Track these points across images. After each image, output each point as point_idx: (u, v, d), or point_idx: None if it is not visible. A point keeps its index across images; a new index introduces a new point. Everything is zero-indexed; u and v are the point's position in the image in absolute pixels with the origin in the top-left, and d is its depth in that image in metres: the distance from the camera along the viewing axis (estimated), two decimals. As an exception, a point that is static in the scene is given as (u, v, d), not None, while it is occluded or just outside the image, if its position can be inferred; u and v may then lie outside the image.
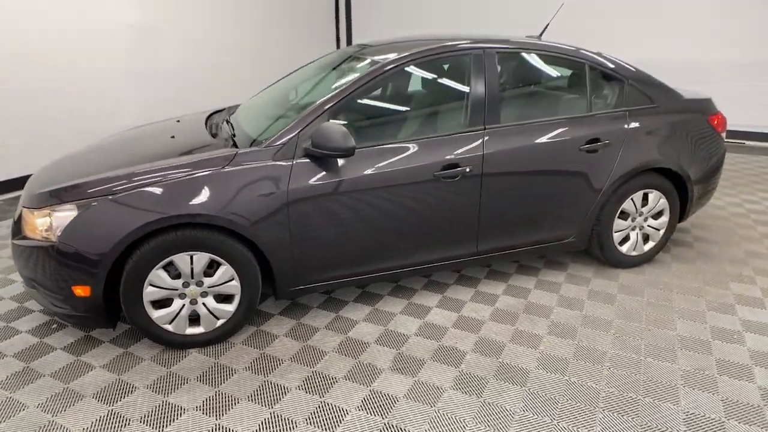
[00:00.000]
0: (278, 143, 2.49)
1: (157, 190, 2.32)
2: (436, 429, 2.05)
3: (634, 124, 3.09)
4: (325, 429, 2.05)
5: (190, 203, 2.32)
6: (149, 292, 2.38)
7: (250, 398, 2.22)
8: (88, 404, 2.18)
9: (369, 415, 2.13)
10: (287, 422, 2.09)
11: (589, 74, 3.08)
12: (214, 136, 2.86)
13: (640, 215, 3.26)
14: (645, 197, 3.23)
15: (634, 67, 3.19)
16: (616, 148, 3.03)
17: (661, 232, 3.35)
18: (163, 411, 2.14)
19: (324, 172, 2.51)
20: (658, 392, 2.25)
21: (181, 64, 6.26)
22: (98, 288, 2.30)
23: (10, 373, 2.36)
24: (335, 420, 2.10)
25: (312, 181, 2.49)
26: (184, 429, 2.05)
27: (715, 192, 3.76)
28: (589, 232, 3.17)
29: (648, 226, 3.32)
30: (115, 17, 5.43)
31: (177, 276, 2.42)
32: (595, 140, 2.99)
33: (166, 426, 2.06)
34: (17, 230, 2.46)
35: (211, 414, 2.13)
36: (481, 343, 2.59)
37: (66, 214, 2.28)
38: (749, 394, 2.24)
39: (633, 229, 3.30)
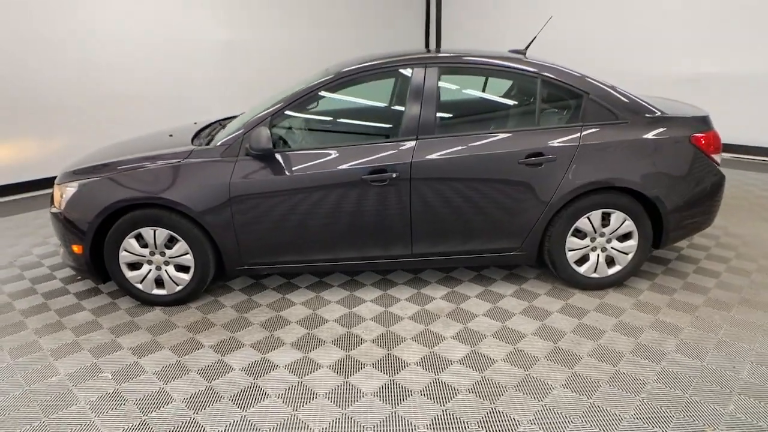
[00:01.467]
0: (226, 143, 2.99)
1: (129, 176, 2.96)
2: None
3: (588, 140, 2.99)
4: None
5: (152, 188, 2.92)
6: (123, 256, 3.03)
7: (173, 349, 2.73)
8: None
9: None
10: (183, 369, 2.55)
11: (541, 88, 3.07)
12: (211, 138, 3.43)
13: (601, 236, 3.11)
14: (607, 217, 3.08)
15: (599, 82, 3.08)
16: (563, 164, 2.97)
17: (629, 256, 3.15)
18: (109, 348, 2.76)
19: (261, 171, 2.94)
20: None
21: (264, 73, 7.15)
22: (87, 248, 3.01)
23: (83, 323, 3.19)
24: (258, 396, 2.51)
25: (250, 177, 2.93)
26: (114, 363, 2.63)
27: (712, 219, 3.33)
28: (538, 247, 3.13)
29: (612, 248, 3.15)
30: (208, 35, 6.49)
31: (145, 246, 3.04)
32: (537, 154, 2.97)
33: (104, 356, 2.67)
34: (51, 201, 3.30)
35: (137, 354, 2.69)
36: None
37: (71, 190, 3.03)
38: None
39: (593, 250, 3.16)
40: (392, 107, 3.11)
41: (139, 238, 3.02)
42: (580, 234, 3.12)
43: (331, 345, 2.73)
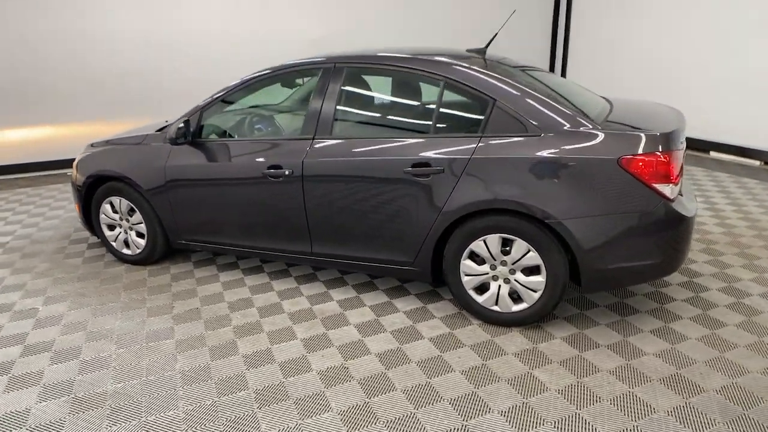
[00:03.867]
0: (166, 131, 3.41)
1: (107, 153, 3.60)
2: None
3: (483, 153, 2.60)
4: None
5: (115, 166, 3.52)
6: (102, 218, 3.72)
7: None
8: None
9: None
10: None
11: (444, 92, 2.75)
12: None
13: (502, 264, 2.69)
14: (510, 244, 2.65)
15: (515, 87, 2.62)
16: (452, 177, 2.65)
17: (536, 294, 2.66)
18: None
19: (187, 158, 3.30)
20: None
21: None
22: (80, 207, 3.77)
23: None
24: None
25: (180, 163, 3.31)
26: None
27: (672, 265, 2.55)
28: (434, 265, 2.85)
29: (515, 281, 2.69)
30: (302, 36, 7.08)
31: (116, 212, 3.67)
32: (424, 164, 2.70)
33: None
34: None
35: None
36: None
37: (79, 158, 3.81)
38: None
39: (494, 279, 2.74)
40: (302, 106, 3.13)
41: (112, 204, 3.67)
42: (478, 258, 2.75)
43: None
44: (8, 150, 6.19)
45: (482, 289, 2.79)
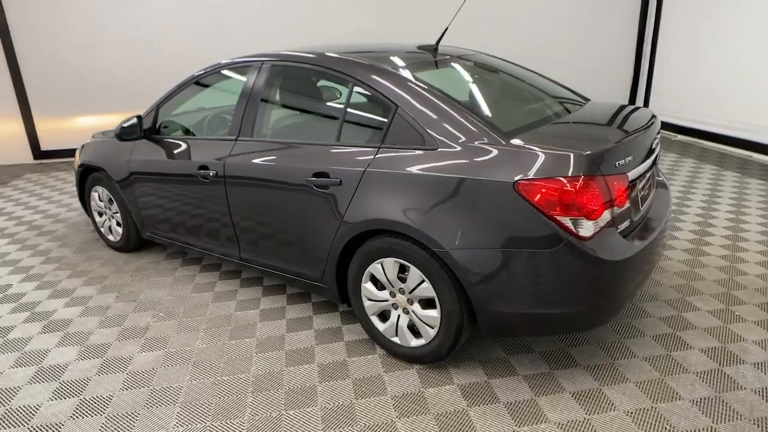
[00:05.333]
0: (135, 127, 3.52)
1: (93, 144, 3.83)
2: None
3: (377, 166, 2.29)
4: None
5: (95, 157, 3.73)
6: (92, 205, 3.99)
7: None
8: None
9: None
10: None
11: (353, 95, 2.46)
12: None
13: (400, 292, 2.37)
14: (407, 270, 2.32)
15: (419, 92, 2.27)
16: (349, 191, 2.37)
17: (432, 331, 2.30)
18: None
19: (142, 153, 3.38)
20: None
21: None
22: (78, 191, 4.07)
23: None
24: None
25: (138, 157, 3.41)
26: (35, 277, 3.61)
27: (594, 318, 2.00)
28: (336, 284, 2.61)
29: (413, 312, 2.36)
30: (347, 26, 6.98)
31: (101, 200, 3.91)
32: (324, 175, 2.45)
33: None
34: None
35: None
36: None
37: (80, 146, 4.11)
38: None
39: (395, 308, 2.43)
40: (231, 105, 3.01)
41: (99, 193, 3.91)
42: (379, 283, 2.45)
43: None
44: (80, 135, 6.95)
45: (385, 316, 2.50)
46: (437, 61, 2.75)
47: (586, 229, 1.95)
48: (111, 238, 3.96)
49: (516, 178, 1.97)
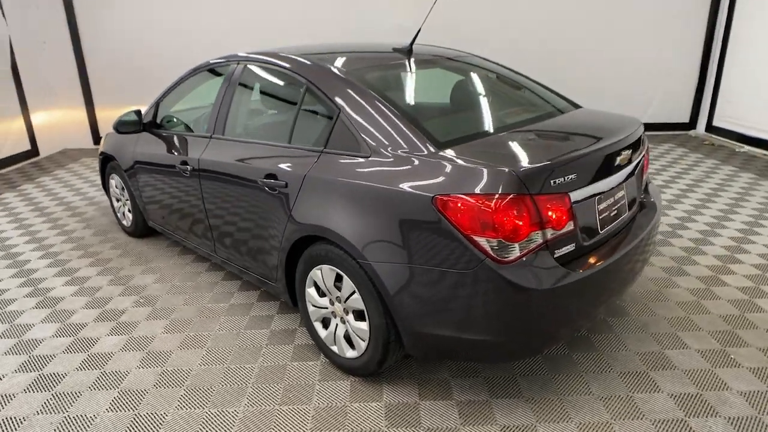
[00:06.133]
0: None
1: (113, 134, 4.06)
2: None
3: (317, 171, 2.23)
4: (44, 286, 3.42)
5: (111, 146, 3.97)
6: (111, 192, 4.25)
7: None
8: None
9: (55, 293, 3.32)
10: (54, 275, 3.58)
11: (305, 97, 2.41)
12: None
13: (338, 300, 2.30)
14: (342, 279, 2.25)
15: (360, 96, 2.17)
16: (293, 195, 2.34)
17: (363, 344, 2.22)
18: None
19: (143, 144, 3.54)
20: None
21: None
22: (101, 173, 4.35)
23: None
24: (52, 286, 3.42)
25: (140, 149, 3.58)
26: (53, 255, 3.92)
27: (506, 351, 1.82)
28: (286, 287, 2.59)
29: (348, 322, 2.28)
30: (391, 19, 6.90)
31: (116, 187, 4.16)
32: (273, 176, 2.43)
33: (56, 251, 3.99)
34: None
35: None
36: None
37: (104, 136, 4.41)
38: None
39: (334, 316, 2.37)
40: (211, 103, 3.06)
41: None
42: (321, 290, 2.40)
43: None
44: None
45: (327, 323, 2.45)
46: (403, 64, 2.64)
47: (506, 251, 1.78)
48: (125, 223, 4.21)
49: (435, 192, 1.84)
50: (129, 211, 4.07)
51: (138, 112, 3.48)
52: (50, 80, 6.95)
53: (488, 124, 2.29)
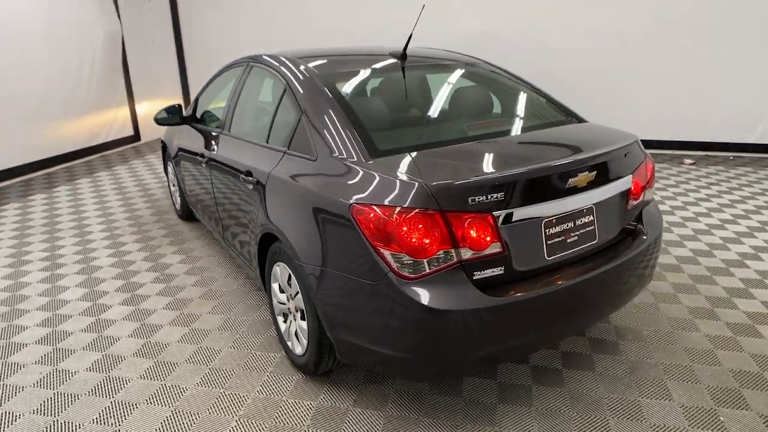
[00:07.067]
0: (185, 114, 4.06)
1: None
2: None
3: (278, 171, 2.31)
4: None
5: (165, 136, 4.41)
6: (168, 171, 4.72)
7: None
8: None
9: (99, 262, 3.79)
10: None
11: (282, 99, 2.49)
12: None
13: (292, 297, 2.37)
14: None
15: (320, 99, 2.20)
16: (262, 192, 2.44)
17: (305, 343, 2.26)
18: (128, 223, 4.60)
19: (183, 137, 3.89)
20: None
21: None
22: (162, 160, 4.84)
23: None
24: (100, 256, 3.91)
25: (180, 140, 3.94)
26: (113, 229, 4.46)
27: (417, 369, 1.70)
28: (261, 280, 2.70)
29: (297, 319, 2.33)
30: (461, 26, 6.80)
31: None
32: (249, 173, 2.56)
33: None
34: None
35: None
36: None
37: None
38: None
39: (290, 312, 2.43)
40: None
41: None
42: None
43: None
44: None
45: (286, 318, 2.54)
46: (389, 69, 2.62)
47: (411, 267, 1.72)
48: (177, 206, 4.65)
49: (352, 201, 1.83)
50: (179, 195, 4.49)
51: (179, 107, 3.83)
52: (154, 74, 7.84)
53: (445, 135, 2.21)
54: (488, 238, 1.76)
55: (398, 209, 1.70)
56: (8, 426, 2.17)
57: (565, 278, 1.93)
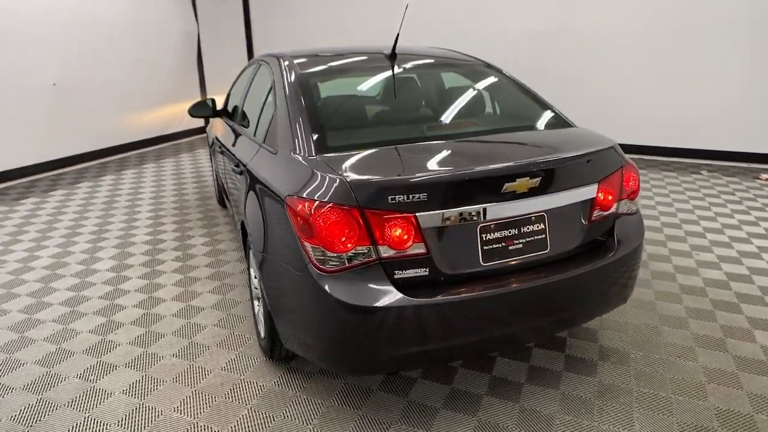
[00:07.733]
0: (221, 107, 4.33)
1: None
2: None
3: (253, 164, 2.43)
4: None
5: (209, 128, 4.74)
6: (212, 161, 5.07)
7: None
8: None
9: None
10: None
11: (269, 94, 2.60)
12: None
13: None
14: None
15: (290, 96, 2.27)
16: (244, 183, 2.58)
17: (262, 329, 2.36)
18: (173, 206, 5.01)
19: (216, 128, 4.16)
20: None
21: (571, 64, 6.42)
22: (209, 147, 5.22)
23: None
24: (139, 233, 4.31)
25: (213, 132, 4.22)
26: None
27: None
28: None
29: (260, 304, 2.44)
30: (518, 25, 6.57)
31: (215, 162, 4.94)
32: (238, 164, 2.71)
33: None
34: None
35: (164, 213, 4.82)
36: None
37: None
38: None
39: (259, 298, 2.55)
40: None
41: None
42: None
43: (168, 252, 3.90)
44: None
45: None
46: (373, 68, 2.64)
47: (328, 261, 1.75)
48: (216, 192, 4.98)
49: (288, 192, 1.90)
50: (216, 182, 4.81)
51: (212, 101, 4.10)
52: (226, 67, 8.39)
53: (404, 134, 2.19)
54: (408, 238, 1.75)
55: (317, 203, 1.75)
56: (9, 373, 2.49)
57: (500, 285, 1.85)
